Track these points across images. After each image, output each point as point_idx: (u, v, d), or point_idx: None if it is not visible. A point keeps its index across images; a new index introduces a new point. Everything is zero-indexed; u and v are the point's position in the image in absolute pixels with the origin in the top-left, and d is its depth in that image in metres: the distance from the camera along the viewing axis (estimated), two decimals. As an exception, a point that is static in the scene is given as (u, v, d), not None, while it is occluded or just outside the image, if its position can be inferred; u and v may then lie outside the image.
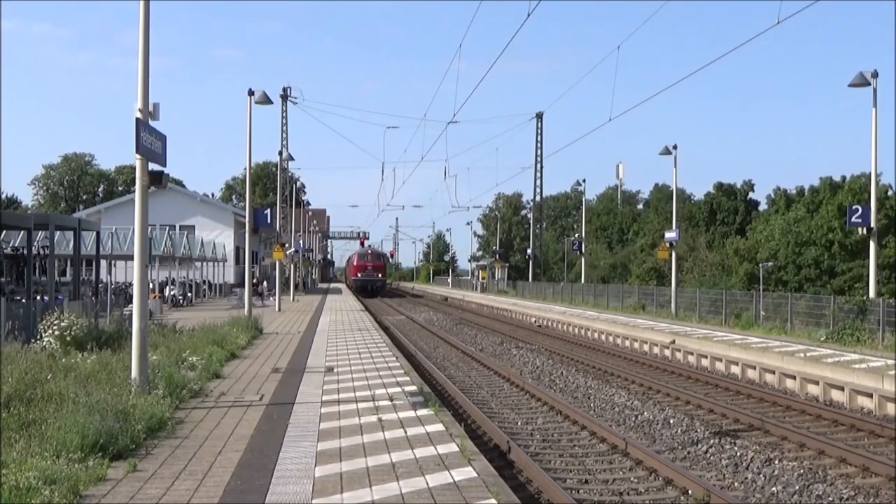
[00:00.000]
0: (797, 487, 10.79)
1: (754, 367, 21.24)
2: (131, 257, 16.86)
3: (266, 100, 28.86)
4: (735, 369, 22.08)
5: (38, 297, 23.56)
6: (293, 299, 51.99)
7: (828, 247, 49.59)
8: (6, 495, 6.97)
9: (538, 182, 73.07)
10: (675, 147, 38.12)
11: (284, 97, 58.58)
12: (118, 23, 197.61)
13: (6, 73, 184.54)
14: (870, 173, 28.88)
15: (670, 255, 40.05)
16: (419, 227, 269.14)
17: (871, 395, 16.70)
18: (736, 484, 11.15)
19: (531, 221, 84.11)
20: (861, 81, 25.35)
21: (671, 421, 15.02)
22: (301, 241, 65.46)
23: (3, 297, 18.84)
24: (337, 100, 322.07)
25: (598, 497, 10.47)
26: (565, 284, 60.51)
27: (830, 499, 10.42)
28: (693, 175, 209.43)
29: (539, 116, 71.84)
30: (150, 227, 15.20)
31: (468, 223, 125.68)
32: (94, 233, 30.31)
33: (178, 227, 53.53)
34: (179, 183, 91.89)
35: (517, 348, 28.68)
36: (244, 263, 31.00)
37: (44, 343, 16.26)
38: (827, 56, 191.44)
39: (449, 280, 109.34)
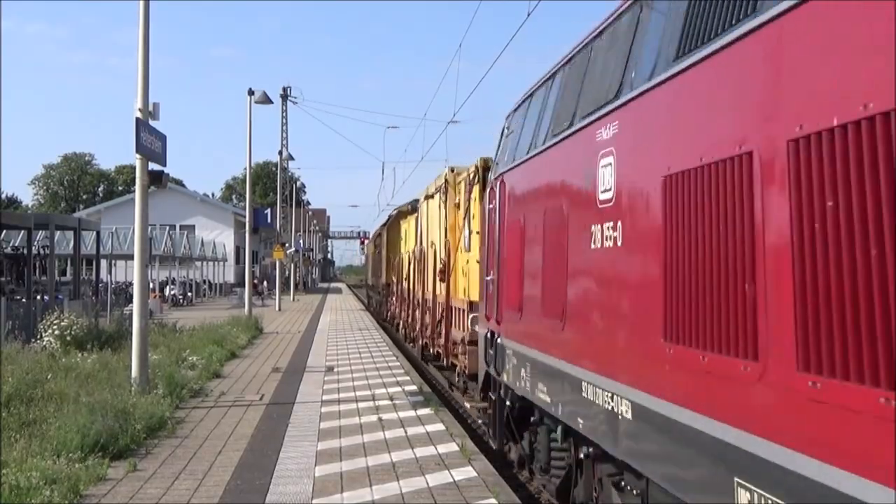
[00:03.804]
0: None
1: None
2: (131, 257, 16.90)
3: (266, 99, 28.88)
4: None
5: (38, 297, 23.59)
6: (293, 299, 51.96)
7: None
8: (6, 495, 6.97)
9: (538, 182, 72.99)
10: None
11: (284, 97, 58.32)
12: (114, 22, 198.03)
13: (5, 74, 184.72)
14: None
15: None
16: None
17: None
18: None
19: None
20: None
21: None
22: (301, 241, 65.43)
23: (3, 297, 18.85)
24: (337, 100, 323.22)
25: (598, 496, 10.46)
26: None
27: (830, 498, 10.39)
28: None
29: (539, 116, 71.75)
30: (150, 227, 15.21)
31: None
32: (94, 233, 30.38)
33: (178, 227, 53.60)
34: (179, 183, 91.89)
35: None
36: (244, 263, 31.00)
37: (44, 343, 16.27)
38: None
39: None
